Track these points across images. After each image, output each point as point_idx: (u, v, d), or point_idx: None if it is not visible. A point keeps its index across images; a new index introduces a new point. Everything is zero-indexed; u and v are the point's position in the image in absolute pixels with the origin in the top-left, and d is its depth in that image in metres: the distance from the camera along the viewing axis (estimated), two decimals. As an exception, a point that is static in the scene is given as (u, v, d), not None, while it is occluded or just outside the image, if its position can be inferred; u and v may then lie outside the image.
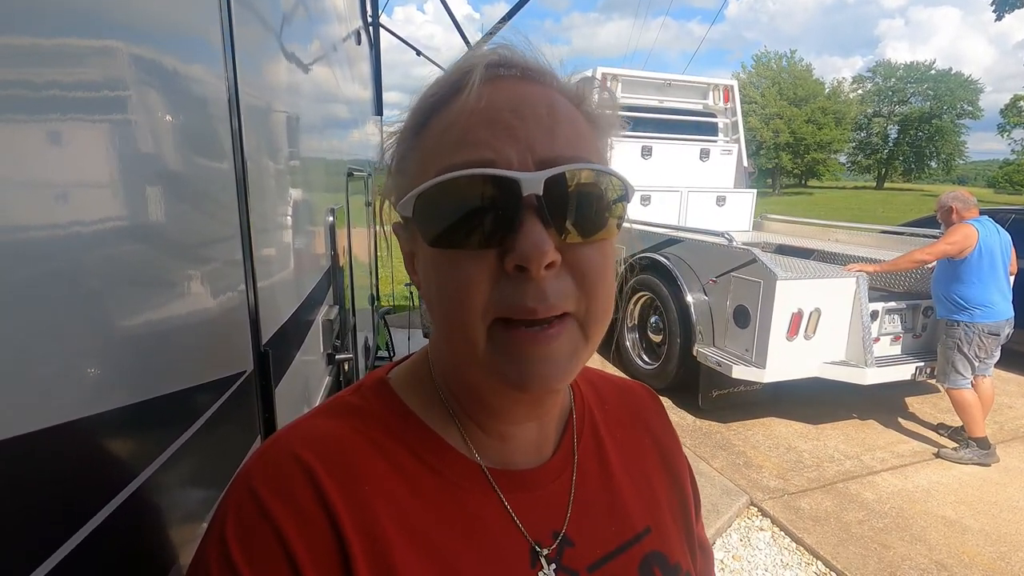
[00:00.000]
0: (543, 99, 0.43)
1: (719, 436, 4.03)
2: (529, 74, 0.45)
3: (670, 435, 0.64)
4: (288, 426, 0.49)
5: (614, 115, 0.49)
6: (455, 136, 0.42)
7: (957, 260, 3.60)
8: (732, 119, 6.81)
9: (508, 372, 0.42)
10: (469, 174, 0.40)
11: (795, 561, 2.82)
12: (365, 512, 0.43)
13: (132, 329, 0.51)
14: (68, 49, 0.42)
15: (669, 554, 0.55)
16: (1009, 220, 5.79)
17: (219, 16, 0.73)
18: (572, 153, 0.42)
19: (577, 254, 0.42)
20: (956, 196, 3.79)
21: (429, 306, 0.46)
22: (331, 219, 1.73)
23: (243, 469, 0.45)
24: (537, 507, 0.50)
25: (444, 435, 0.50)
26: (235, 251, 0.77)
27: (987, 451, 3.67)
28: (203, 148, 0.68)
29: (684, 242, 4.50)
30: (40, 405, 0.38)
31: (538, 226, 0.40)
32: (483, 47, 0.46)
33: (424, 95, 0.46)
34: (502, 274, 0.40)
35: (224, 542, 0.41)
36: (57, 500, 0.40)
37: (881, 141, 54.79)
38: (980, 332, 3.55)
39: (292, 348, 1.09)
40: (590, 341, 0.44)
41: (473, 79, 0.42)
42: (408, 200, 0.43)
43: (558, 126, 0.42)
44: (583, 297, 0.42)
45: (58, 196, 0.41)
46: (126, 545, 0.49)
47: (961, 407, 3.70)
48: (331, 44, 2.11)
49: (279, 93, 1.13)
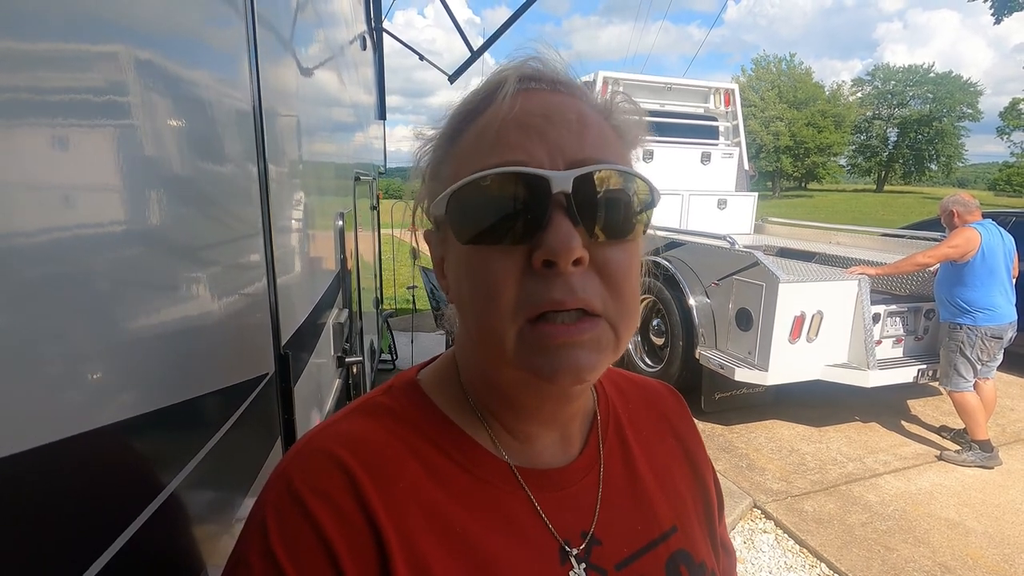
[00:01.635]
0: (572, 108, 0.45)
1: (722, 439, 4.03)
2: (559, 87, 0.46)
3: (694, 435, 0.65)
4: (321, 425, 0.50)
5: (640, 127, 0.50)
6: (488, 140, 0.44)
7: (960, 263, 3.60)
8: (733, 123, 6.82)
9: (538, 364, 0.42)
10: (500, 172, 0.42)
11: (799, 564, 2.82)
12: (401, 510, 0.44)
13: (165, 333, 0.52)
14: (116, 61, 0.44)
15: (695, 553, 0.56)
16: (1010, 223, 5.81)
17: (244, 30, 0.75)
18: (601, 156, 0.43)
19: (604, 254, 0.43)
20: (957, 200, 3.80)
21: (460, 307, 0.47)
22: (340, 223, 1.75)
23: (280, 467, 0.46)
24: (565, 506, 0.51)
25: (473, 435, 0.51)
26: (257, 254, 0.78)
27: (990, 454, 3.67)
28: (229, 155, 0.70)
29: (686, 245, 4.51)
30: (63, 413, 0.38)
31: (566, 223, 0.41)
32: (515, 59, 0.48)
33: (460, 104, 0.47)
34: (531, 270, 0.41)
35: (266, 539, 0.42)
36: (92, 510, 0.40)
37: (881, 144, 54.83)
38: (983, 335, 3.56)
39: (307, 350, 1.11)
40: (620, 340, 0.45)
41: (507, 89, 0.44)
42: (442, 199, 0.45)
43: (587, 131, 0.44)
44: (610, 297, 0.43)
45: (89, 200, 0.42)
46: (161, 553, 0.49)
47: (963, 410, 3.71)
48: (340, 50, 2.13)
49: (295, 100, 1.14)
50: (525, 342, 0.42)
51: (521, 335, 0.42)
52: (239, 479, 0.68)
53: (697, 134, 6.67)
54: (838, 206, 33.74)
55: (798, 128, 47.05)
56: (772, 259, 4.00)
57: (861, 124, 53.85)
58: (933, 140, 51.91)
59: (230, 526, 0.63)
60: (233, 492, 0.66)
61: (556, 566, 0.48)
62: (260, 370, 0.76)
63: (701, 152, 6.57)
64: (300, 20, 1.30)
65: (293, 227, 1.05)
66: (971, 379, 3.65)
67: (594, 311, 0.42)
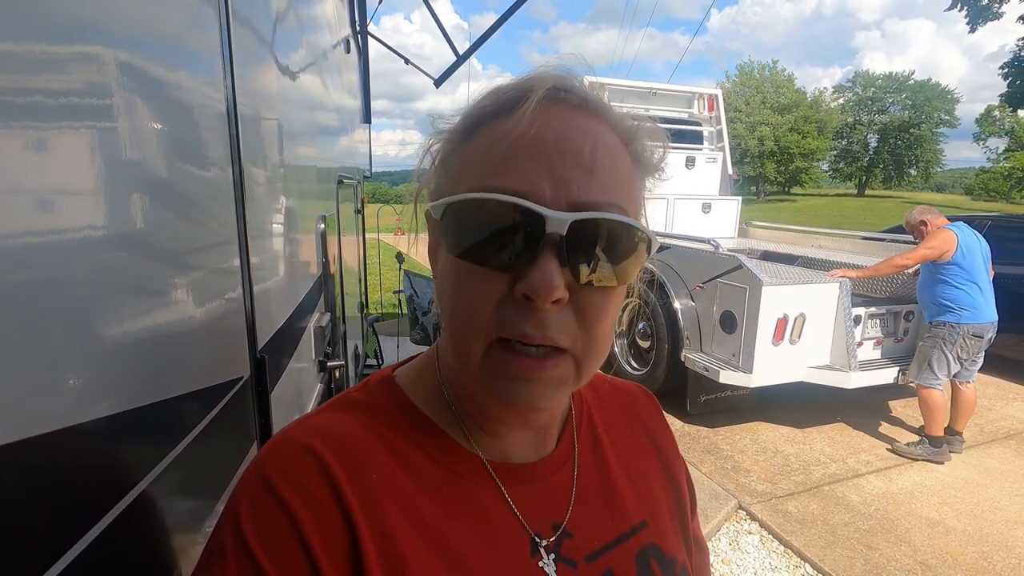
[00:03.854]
0: (591, 134, 0.44)
1: (707, 441, 4.06)
2: (586, 105, 0.45)
3: (666, 434, 0.66)
4: (297, 420, 0.51)
5: (662, 157, 0.50)
6: (497, 157, 0.43)
7: (941, 263, 3.67)
8: (717, 127, 6.90)
9: (498, 390, 0.44)
10: (500, 199, 0.41)
11: (783, 564, 2.85)
12: (374, 501, 0.45)
13: (135, 334, 0.51)
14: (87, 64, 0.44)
15: (666, 548, 0.57)
16: (987, 226, 5.94)
17: (219, 31, 0.74)
18: (606, 199, 0.43)
19: (585, 295, 0.43)
20: (923, 210, 3.90)
21: (441, 309, 0.48)
22: (322, 226, 1.74)
23: (256, 459, 0.46)
24: (537, 500, 0.52)
25: (447, 430, 0.51)
26: (232, 257, 0.78)
27: (938, 449, 3.77)
28: (204, 158, 0.69)
29: (671, 249, 4.54)
30: (36, 410, 0.38)
31: (554, 263, 0.41)
32: (549, 68, 0.46)
33: (480, 101, 0.46)
34: (511, 297, 0.42)
35: (239, 529, 0.42)
36: (58, 508, 0.40)
37: (862, 149, 55.84)
38: (965, 333, 3.62)
39: (286, 354, 1.10)
40: (581, 377, 0.46)
41: (531, 100, 0.43)
42: (439, 206, 0.45)
43: (599, 168, 0.43)
44: (581, 335, 0.44)
45: (62, 202, 0.42)
46: (128, 552, 0.49)
47: (926, 405, 3.78)
48: (322, 53, 2.12)
49: (274, 103, 1.14)
50: (491, 361, 0.43)
51: (489, 353, 0.43)
52: (212, 481, 0.67)
53: (682, 138, 6.73)
54: (820, 210, 34.25)
55: (782, 133, 47.76)
56: (755, 262, 4.05)
57: (843, 130, 54.83)
58: (912, 146, 53.00)
59: (202, 526, 0.63)
60: (206, 494, 0.65)
61: (526, 557, 0.49)
62: (235, 373, 0.75)
63: (686, 156, 6.63)
64: (279, 22, 1.29)
65: (271, 230, 1.04)
66: (943, 378, 3.71)
67: (560, 348, 0.43)
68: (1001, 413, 4.67)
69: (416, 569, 0.44)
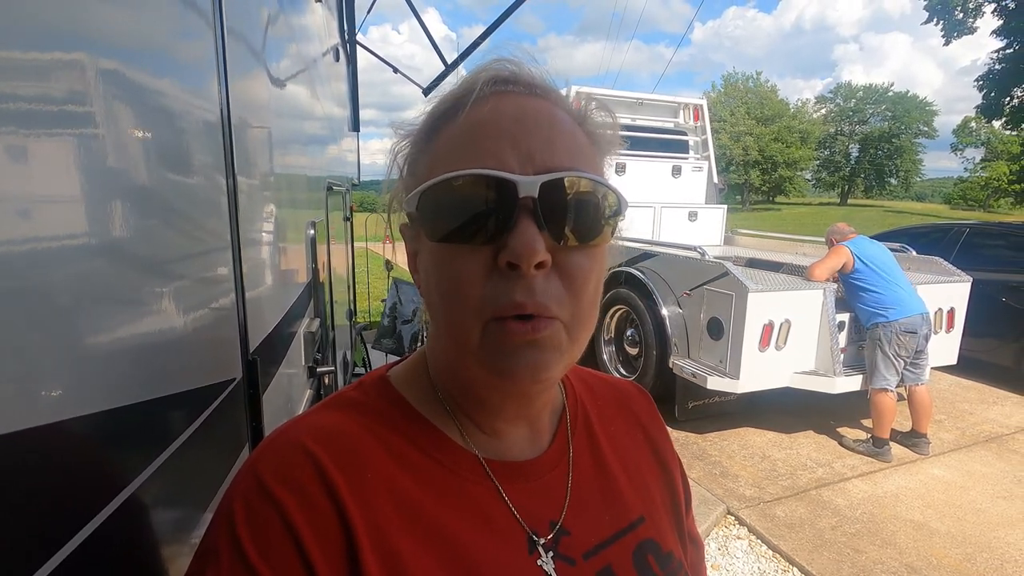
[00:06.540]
0: (545, 113, 0.46)
1: (696, 446, 4.09)
2: (534, 90, 0.48)
3: (661, 431, 0.66)
4: (292, 419, 0.50)
5: (614, 135, 0.52)
6: (461, 143, 0.45)
7: (851, 273, 3.92)
8: (702, 137, 7.00)
9: (498, 363, 0.44)
10: (470, 173, 0.43)
11: (772, 568, 2.86)
12: (369, 499, 0.45)
13: (135, 334, 0.52)
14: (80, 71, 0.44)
15: (662, 543, 0.57)
16: (965, 233, 6.08)
17: (213, 42, 0.75)
18: (570, 163, 0.44)
19: (568, 258, 0.44)
20: (834, 230, 4.26)
21: (429, 303, 0.48)
22: (312, 232, 1.74)
23: (249, 459, 0.46)
24: (534, 497, 0.52)
25: (442, 428, 0.51)
26: (226, 261, 0.78)
27: (880, 450, 3.92)
28: (199, 166, 0.70)
29: (658, 256, 4.59)
30: (18, 404, 0.37)
31: (532, 227, 0.42)
32: (491, 61, 0.49)
33: (438, 103, 0.48)
34: (496, 271, 0.43)
35: (233, 529, 0.42)
36: (47, 507, 0.39)
37: (844, 159, 56.87)
38: (896, 330, 3.75)
39: (277, 358, 1.10)
40: (575, 344, 0.47)
41: (482, 91, 0.45)
42: (414, 196, 0.46)
43: (558, 137, 0.45)
44: (569, 301, 0.44)
45: (57, 208, 0.42)
46: (118, 555, 0.48)
47: (875, 407, 3.90)
48: (312, 62, 2.13)
49: (265, 111, 1.15)
50: (489, 340, 0.44)
51: (486, 332, 0.44)
52: (204, 483, 0.67)
53: (668, 148, 6.81)
54: (804, 219, 34.72)
55: (766, 143, 48.50)
56: (741, 269, 4.10)
57: (825, 140, 55.82)
58: (892, 156, 54.12)
59: (194, 527, 0.63)
60: (197, 495, 0.65)
61: (524, 555, 0.49)
62: (228, 375, 0.75)
63: (672, 165, 6.71)
64: (271, 32, 1.31)
65: (262, 236, 1.05)
66: (892, 379, 3.83)
67: (550, 315, 0.43)
68: (982, 417, 4.75)
69: (413, 567, 0.43)
